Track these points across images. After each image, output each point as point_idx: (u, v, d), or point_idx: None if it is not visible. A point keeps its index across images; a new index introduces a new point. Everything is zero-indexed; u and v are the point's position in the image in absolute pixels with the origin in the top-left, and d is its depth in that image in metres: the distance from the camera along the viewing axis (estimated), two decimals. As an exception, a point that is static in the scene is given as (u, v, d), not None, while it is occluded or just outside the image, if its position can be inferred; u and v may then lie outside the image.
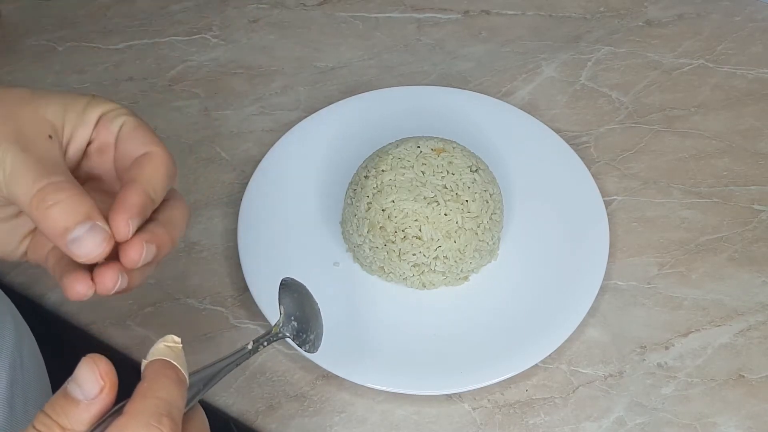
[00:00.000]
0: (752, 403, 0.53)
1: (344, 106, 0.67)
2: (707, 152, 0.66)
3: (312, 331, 0.44)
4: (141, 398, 0.30)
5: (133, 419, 0.29)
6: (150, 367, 0.32)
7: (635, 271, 0.59)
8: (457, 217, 0.55)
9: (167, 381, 0.31)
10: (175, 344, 0.33)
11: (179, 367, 0.32)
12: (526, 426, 0.52)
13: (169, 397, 0.30)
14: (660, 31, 0.75)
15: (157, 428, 0.29)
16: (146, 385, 0.31)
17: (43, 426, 0.29)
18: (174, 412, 0.30)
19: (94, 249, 0.32)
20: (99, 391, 0.30)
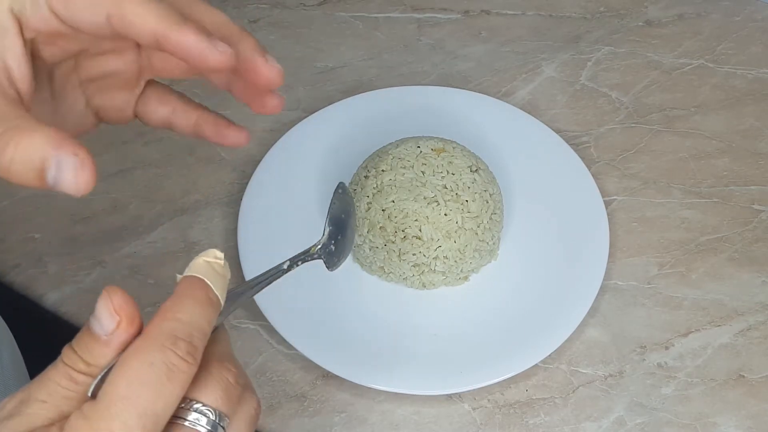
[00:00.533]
0: (752, 403, 0.53)
1: (344, 106, 0.67)
2: (707, 152, 0.66)
3: (343, 254, 0.43)
4: (160, 319, 0.29)
5: (148, 341, 0.28)
6: (180, 284, 0.31)
7: (635, 271, 0.59)
8: (457, 217, 0.55)
9: (192, 302, 0.30)
10: (215, 260, 0.31)
11: (212, 286, 0.31)
12: (526, 426, 0.52)
13: (190, 318, 0.29)
14: (660, 31, 0.75)
15: (171, 351, 0.28)
16: (168, 305, 0.30)
17: (69, 359, 0.29)
18: (194, 335, 0.29)
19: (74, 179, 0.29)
20: (116, 326, 0.29)
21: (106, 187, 0.63)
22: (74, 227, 0.61)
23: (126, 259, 0.60)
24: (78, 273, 0.59)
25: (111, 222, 0.62)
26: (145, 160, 0.66)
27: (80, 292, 0.58)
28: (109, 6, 0.31)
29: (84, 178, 0.29)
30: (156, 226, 0.62)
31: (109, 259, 0.59)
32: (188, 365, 0.28)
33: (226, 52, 0.32)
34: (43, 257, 0.60)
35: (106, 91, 0.38)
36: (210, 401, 0.29)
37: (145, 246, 0.60)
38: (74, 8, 0.31)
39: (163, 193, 0.64)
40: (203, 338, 0.29)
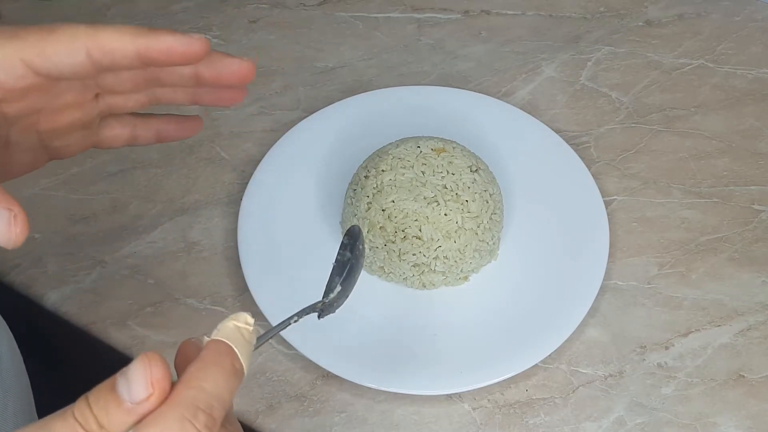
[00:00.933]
0: (752, 403, 0.53)
1: (344, 106, 0.67)
2: (707, 152, 0.66)
3: (340, 304, 0.42)
4: (183, 386, 0.28)
5: (168, 410, 0.27)
6: (208, 348, 0.29)
7: (635, 271, 0.59)
8: (457, 217, 0.55)
9: (217, 370, 0.29)
10: (245, 326, 0.30)
11: (239, 354, 0.30)
12: (526, 426, 0.52)
13: (215, 389, 0.28)
14: (660, 31, 0.75)
15: (191, 423, 0.27)
16: (193, 372, 0.28)
17: (81, 416, 0.27)
18: (214, 407, 0.28)
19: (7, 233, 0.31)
20: (146, 397, 0.28)
21: (106, 187, 0.63)
22: (74, 227, 0.61)
23: (126, 259, 0.60)
24: (78, 273, 0.59)
25: (111, 222, 0.62)
26: (145, 160, 0.66)
27: (80, 292, 0.58)
28: (85, 41, 0.31)
29: (17, 231, 0.31)
30: (156, 226, 0.62)
31: (109, 259, 0.59)
32: None
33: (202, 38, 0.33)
34: (43, 257, 0.60)
35: (63, 135, 0.38)
36: None
37: (145, 246, 0.60)
38: (52, 54, 0.31)
39: (163, 193, 0.64)
40: (223, 410, 0.29)
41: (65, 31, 0.31)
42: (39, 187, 0.64)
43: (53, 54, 0.31)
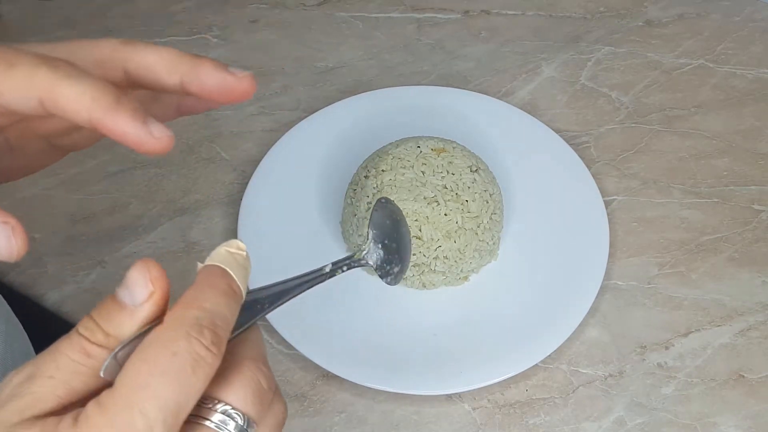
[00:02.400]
0: (752, 403, 0.53)
1: (344, 106, 0.67)
2: (707, 152, 0.66)
3: (398, 263, 0.39)
4: (183, 306, 0.27)
5: (172, 328, 0.26)
6: (202, 273, 0.29)
7: (635, 271, 0.59)
8: (457, 217, 0.55)
9: (215, 291, 0.28)
10: (238, 251, 0.30)
11: (235, 277, 0.29)
12: (526, 426, 0.52)
13: (216, 308, 0.27)
14: (660, 31, 0.75)
15: (197, 340, 0.26)
16: (191, 294, 0.28)
17: (86, 330, 0.27)
18: (218, 325, 0.27)
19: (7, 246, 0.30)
20: (148, 296, 0.27)
21: (106, 187, 0.63)
22: (74, 227, 0.61)
23: (126, 259, 0.60)
24: (78, 273, 0.59)
25: (111, 222, 0.62)
26: (145, 160, 0.66)
27: (80, 292, 0.58)
28: (40, 91, 0.29)
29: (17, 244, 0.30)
30: (156, 226, 0.62)
31: (109, 259, 0.59)
32: (213, 356, 0.27)
33: (163, 137, 0.31)
34: (43, 257, 0.60)
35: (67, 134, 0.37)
36: (240, 404, 0.28)
37: (145, 246, 0.60)
38: (6, 95, 0.30)
39: (163, 193, 0.64)
40: (227, 330, 0.28)
41: (23, 70, 0.29)
42: (39, 187, 0.64)
43: (7, 95, 0.30)
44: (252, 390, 0.28)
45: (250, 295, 0.31)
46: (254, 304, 0.31)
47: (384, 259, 0.39)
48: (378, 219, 0.39)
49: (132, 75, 0.32)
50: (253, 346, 0.30)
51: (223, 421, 0.27)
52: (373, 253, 0.38)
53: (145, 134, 0.31)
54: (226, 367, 0.28)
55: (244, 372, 0.28)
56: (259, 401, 0.28)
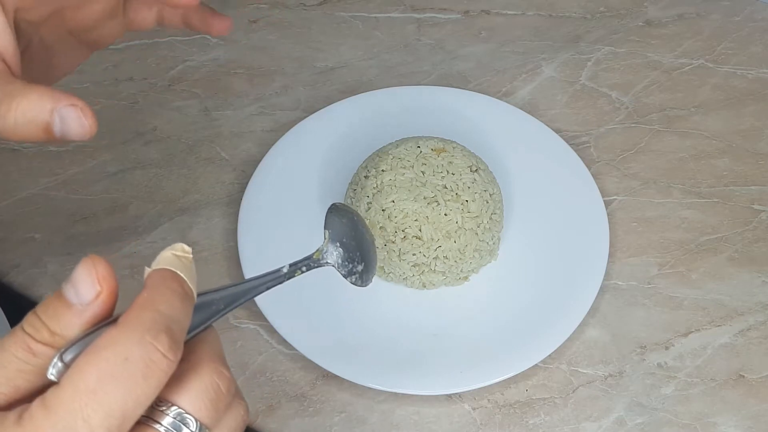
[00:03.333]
0: (752, 403, 0.53)
1: (344, 106, 0.67)
2: (707, 152, 0.66)
3: (360, 261, 0.39)
4: (138, 309, 0.26)
5: (127, 332, 0.25)
6: (152, 276, 0.28)
7: (635, 271, 0.59)
8: (457, 217, 0.55)
9: (170, 293, 0.27)
10: (184, 254, 0.30)
11: (186, 279, 0.29)
12: (526, 426, 0.52)
13: (170, 311, 0.27)
14: (660, 31, 0.75)
15: (152, 345, 0.25)
16: (145, 296, 0.27)
17: (31, 328, 0.26)
18: (175, 330, 0.26)
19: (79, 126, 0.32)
20: (95, 296, 0.27)
21: (106, 187, 0.63)
22: (74, 227, 0.61)
23: (126, 259, 0.60)
24: (78, 273, 0.59)
25: (111, 222, 0.62)
26: (145, 160, 0.66)
27: (80, 292, 0.58)
28: None
29: (88, 122, 0.32)
30: (156, 226, 0.62)
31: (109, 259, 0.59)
32: (168, 363, 0.26)
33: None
34: (43, 257, 0.60)
35: (94, 28, 0.39)
36: (193, 409, 0.27)
37: (145, 246, 0.60)
38: None
39: (163, 193, 0.64)
40: (183, 332, 0.27)
41: None
42: (39, 187, 0.64)
43: None
44: (208, 394, 0.28)
45: (205, 296, 0.31)
46: (209, 305, 0.30)
47: (344, 257, 0.38)
48: (333, 220, 0.39)
49: None
50: (210, 347, 0.29)
51: (174, 426, 0.27)
52: (332, 253, 0.38)
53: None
54: (183, 369, 0.27)
55: (201, 375, 0.28)
56: (214, 406, 0.28)
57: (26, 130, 0.32)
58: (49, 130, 0.32)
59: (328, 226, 0.39)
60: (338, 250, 0.38)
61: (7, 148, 0.66)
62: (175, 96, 0.70)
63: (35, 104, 0.32)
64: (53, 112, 0.32)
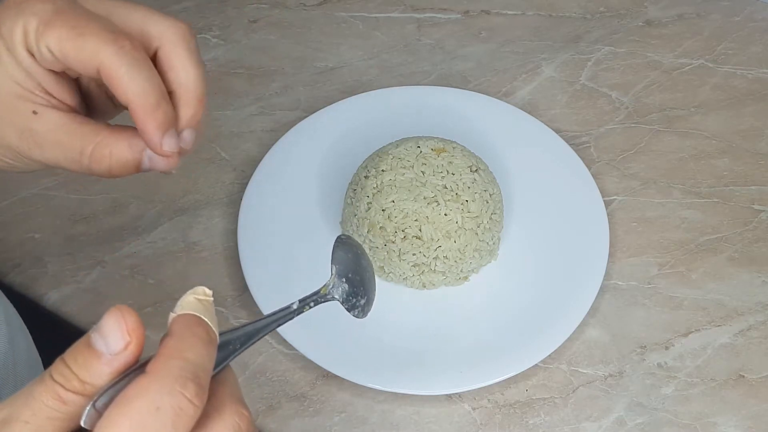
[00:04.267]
0: (752, 403, 0.53)
1: (344, 106, 0.67)
2: (707, 152, 0.66)
3: (363, 295, 0.40)
4: (166, 358, 0.27)
5: (157, 382, 0.26)
6: (177, 323, 0.29)
7: (635, 271, 0.59)
8: (457, 217, 0.55)
9: (195, 340, 0.28)
10: (206, 297, 0.30)
11: (209, 323, 0.29)
12: (526, 426, 0.52)
13: (197, 358, 0.27)
14: (660, 31, 0.75)
15: (181, 393, 0.26)
16: (172, 344, 0.28)
17: (61, 377, 0.27)
18: (201, 376, 0.27)
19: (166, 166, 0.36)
20: (124, 347, 0.27)
21: (106, 187, 0.63)
22: (74, 227, 0.61)
23: (126, 259, 0.60)
24: (78, 273, 0.59)
25: (111, 222, 0.62)
26: (145, 160, 0.65)
27: (80, 292, 0.58)
28: (102, 67, 0.33)
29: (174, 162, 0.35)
30: (156, 226, 0.62)
31: (109, 259, 0.59)
32: (195, 409, 0.27)
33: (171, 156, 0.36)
34: (43, 257, 0.60)
35: None
36: None
37: (145, 246, 0.60)
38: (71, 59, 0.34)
39: (163, 193, 0.64)
40: (208, 378, 0.28)
41: (91, 42, 0.33)
42: (39, 187, 0.64)
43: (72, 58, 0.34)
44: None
45: (222, 336, 0.31)
46: (227, 345, 0.31)
47: (349, 292, 0.40)
48: (340, 254, 0.40)
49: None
50: (230, 388, 0.30)
51: None
52: (338, 288, 0.39)
53: (157, 145, 0.35)
54: (206, 411, 0.28)
55: (224, 417, 0.29)
56: None
57: (118, 171, 0.36)
58: (138, 167, 0.36)
59: (335, 261, 0.40)
60: (343, 286, 0.39)
61: (7, 148, 0.66)
62: (175, 96, 0.70)
63: (127, 151, 0.35)
64: (143, 153, 0.36)
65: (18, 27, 0.33)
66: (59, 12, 0.33)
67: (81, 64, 0.33)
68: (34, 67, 0.34)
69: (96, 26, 0.33)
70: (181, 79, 0.37)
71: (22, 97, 0.35)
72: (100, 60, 0.33)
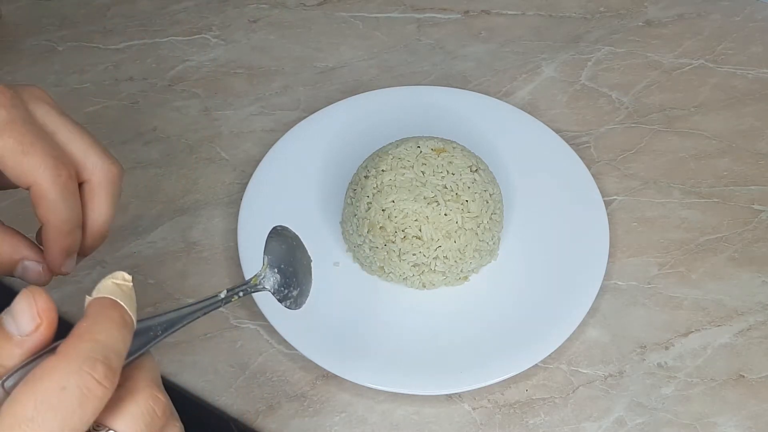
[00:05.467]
0: (752, 403, 0.53)
1: (344, 106, 0.67)
2: (707, 152, 0.66)
3: (296, 286, 0.40)
4: (76, 339, 0.28)
5: (64, 361, 0.27)
6: (92, 305, 0.30)
7: (635, 271, 0.59)
8: (457, 217, 0.55)
9: (109, 322, 0.29)
10: (124, 282, 0.31)
11: (126, 307, 0.30)
12: (526, 426, 0.52)
13: (109, 340, 0.28)
14: (660, 31, 0.75)
15: (89, 374, 0.27)
16: (85, 325, 0.28)
17: None
18: (112, 358, 0.28)
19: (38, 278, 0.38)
20: (34, 328, 0.28)
21: (106, 187, 0.63)
22: (74, 227, 0.61)
23: (126, 259, 0.60)
24: (78, 273, 0.59)
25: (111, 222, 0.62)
26: (145, 160, 0.66)
27: (80, 292, 0.58)
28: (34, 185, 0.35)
29: (45, 278, 0.37)
30: (156, 226, 0.62)
31: (109, 259, 0.59)
32: (104, 390, 0.27)
33: (66, 271, 0.38)
34: (43, 257, 0.60)
35: None
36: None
37: (145, 246, 0.60)
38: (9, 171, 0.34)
39: (163, 193, 0.64)
40: (121, 361, 0.28)
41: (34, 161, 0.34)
42: (39, 187, 0.64)
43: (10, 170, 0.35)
44: (144, 418, 0.29)
45: (143, 322, 0.32)
46: (147, 330, 0.31)
47: (281, 283, 0.40)
48: (273, 245, 0.40)
49: None
50: (146, 373, 0.30)
51: None
52: (269, 278, 0.39)
53: (57, 266, 0.37)
54: (120, 394, 0.29)
55: (137, 400, 0.29)
56: (149, 429, 0.29)
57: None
58: (10, 272, 0.37)
59: (267, 251, 0.40)
60: (275, 276, 0.39)
61: (7, 148, 0.66)
62: (175, 96, 0.70)
63: (9, 254, 0.37)
64: (19, 264, 0.37)
65: None
66: (11, 123, 0.34)
67: (15, 176, 0.34)
68: None
69: (40, 147, 0.34)
70: (95, 216, 0.38)
71: None
72: (35, 180, 0.34)
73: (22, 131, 0.34)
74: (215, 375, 0.54)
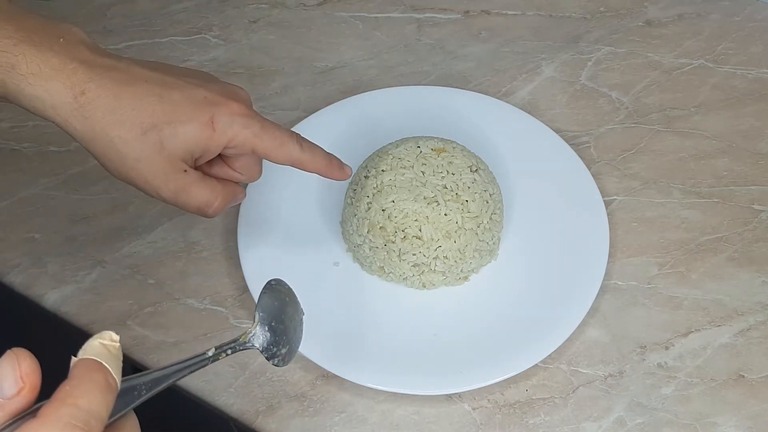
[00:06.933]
0: (752, 403, 0.53)
1: (344, 106, 0.67)
2: (707, 152, 0.66)
3: (285, 344, 0.40)
4: (58, 403, 0.28)
5: (44, 427, 0.27)
6: (77, 367, 0.29)
7: (635, 271, 0.59)
8: (457, 217, 0.55)
9: (92, 386, 0.29)
10: (111, 343, 0.30)
11: (110, 370, 0.30)
12: (526, 426, 0.52)
13: (90, 405, 0.28)
14: (660, 31, 0.75)
15: None
16: (67, 388, 0.29)
17: None
18: (92, 424, 0.28)
19: None
20: (17, 392, 0.28)
21: (106, 187, 0.63)
22: (74, 227, 0.61)
23: (126, 259, 0.60)
24: (78, 273, 0.59)
25: (111, 222, 0.62)
26: (145, 160, 0.65)
27: (80, 292, 0.58)
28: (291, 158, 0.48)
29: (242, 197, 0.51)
30: (156, 226, 0.62)
31: (109, 259, 0.59)
32: None
33: (348, 171, 0.52)
34: (43, 257, 0.60)
35: None
36: None
37: (145, 246, 0.60)
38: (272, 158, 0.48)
39: (163, 193, 0.64)
40: (101, 425, 0.28)
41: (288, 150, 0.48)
42: (39, 187, 0.64)
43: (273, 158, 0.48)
44: None
45: (128, 381, 0.31)
46: (131, 390, 0.31)
47: (271, 341, 0.39)
48: (266, 301, 0.40)
49: None
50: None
51: None
52: (259, 336, 0.39)
53: (341, 175, 0.52)
54: None
55: None
56: None
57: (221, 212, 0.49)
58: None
59: (260, 308, 0.39)
60: (266, 335, 0.39)
61: (7, 148, 0.66)
62: (175, 96, 0.70)
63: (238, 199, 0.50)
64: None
65: (232, 129, 0.46)
66: (264, 129, 0.47)
67: (277, 159, 0.48)
68: (220, 149, 0.47)
69: (285, 135, 0.48)
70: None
71: (185, 159, 0.45)
72: (291, 156, 0.48)
73: (272, 132, 0.47)
74: (215, 375, 0.54)
